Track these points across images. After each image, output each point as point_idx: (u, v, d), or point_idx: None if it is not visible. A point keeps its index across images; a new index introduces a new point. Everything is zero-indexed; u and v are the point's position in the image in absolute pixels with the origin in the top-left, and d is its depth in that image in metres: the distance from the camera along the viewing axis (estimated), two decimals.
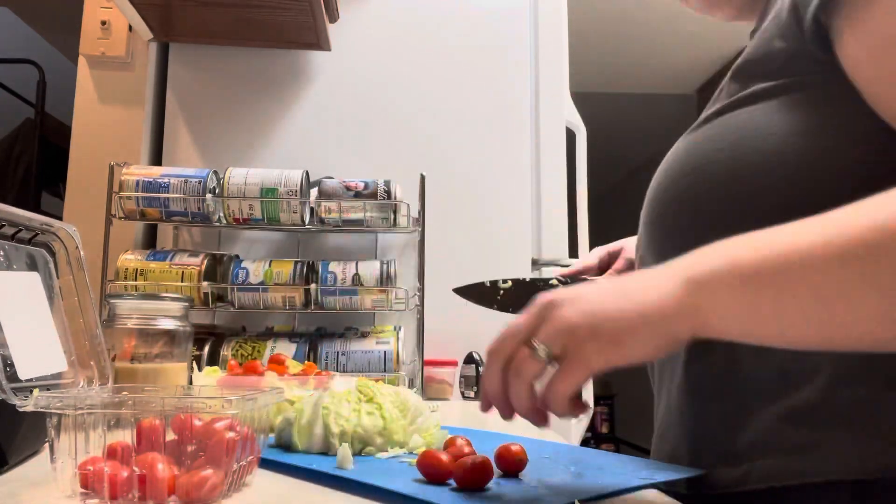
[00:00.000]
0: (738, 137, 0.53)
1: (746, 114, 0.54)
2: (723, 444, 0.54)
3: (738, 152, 0.53)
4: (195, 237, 1.49)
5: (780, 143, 0.51)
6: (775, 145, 0.51)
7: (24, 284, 0.61)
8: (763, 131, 0.52)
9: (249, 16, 1.39)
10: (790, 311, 0.40)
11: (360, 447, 0.63)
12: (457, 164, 1.54)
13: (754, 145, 0.52)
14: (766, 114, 0.53)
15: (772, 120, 0.52)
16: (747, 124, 0.53)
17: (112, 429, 0.45)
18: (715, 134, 0.56)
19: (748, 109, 0.54)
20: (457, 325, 1.49)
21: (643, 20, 3.37)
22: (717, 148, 0.54)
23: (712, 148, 0.55)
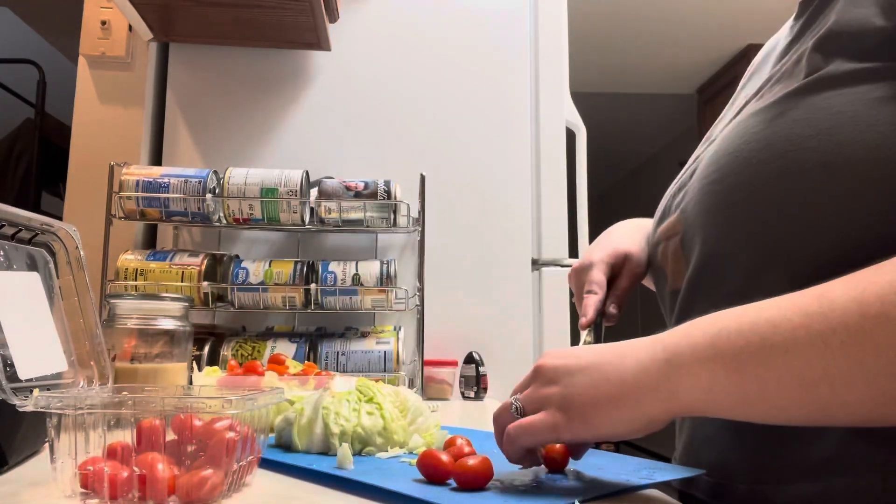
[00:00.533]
0: (831, 125, 0.47)
1: (841, 97, 0.48)
2: (787, 458, 0.49)
3: (833, 142, 0.47)
4: (195, 237, 1.49)
5: (881, 137, 0.46)
6: (876, 138, 0.46)
7: (24, 284, 0.61)
8: (862, 121, 0.46)
9: (249, 16, 1.39)
10: (773, 394, 0.40)
11: (360, 447, 0.63)
12: (457, 165, 1.54)
13: (852, 136, 0.46)
14: (864, 101, 0.47)
15: (872, 109, 0.46)
16: (840, 110, 0.47)
17: (112, 429, 0.45)
18: (800, 117, 0.49)
19: (842, 92, 0.48)
20: (457, 325, 1.49)
21: (643, 20, 3.37)
22: (807, 134, 0.48)
23: (799, 133, 0.49)
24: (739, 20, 3.27)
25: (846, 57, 0.49)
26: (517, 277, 1.52)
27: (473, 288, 1.50)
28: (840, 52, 0.49)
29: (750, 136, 0.52)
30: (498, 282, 1.51)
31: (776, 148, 0.50)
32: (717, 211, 0.54)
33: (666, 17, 3.32)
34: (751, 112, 0.54)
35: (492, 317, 1.50)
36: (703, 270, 0.56)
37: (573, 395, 0.46)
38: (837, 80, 0.49)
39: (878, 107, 0.46)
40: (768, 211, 0.50)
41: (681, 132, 4.82)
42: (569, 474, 0.53)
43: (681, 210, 0.61)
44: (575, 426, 0.45)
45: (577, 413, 0.45)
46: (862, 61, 0.48)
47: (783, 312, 0.40)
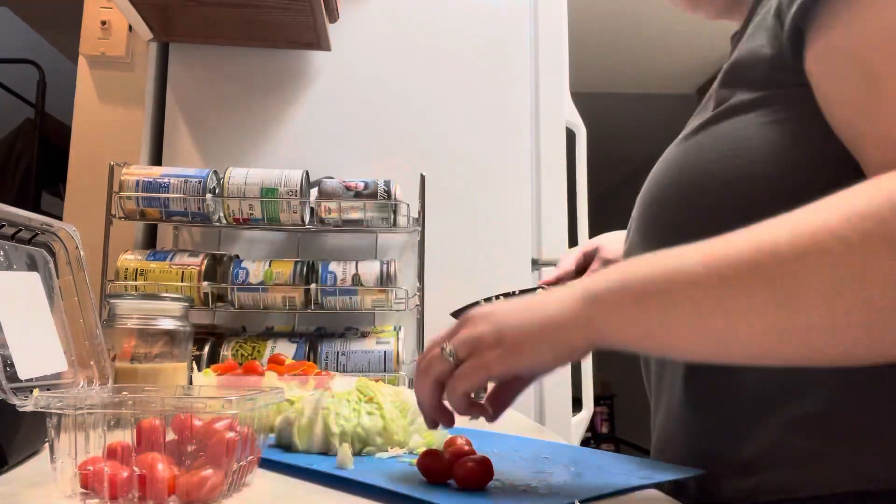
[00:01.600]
0: (728, 149, 0.53)
1: (735, 124, 0.54)
2: (729, 455, 0.53)
3: (730, 164, 0.53)
4: (195, 237, 1.49)
5: (771, 156, 0.51)
6: (764, 158, 0.51)
7: (24, 284, 0.61)
8: (752, 144, 0.52)
9: (249, 16, 1.39)
10: (675, 324, 0.43)
11: (360, 447, 0.63)
12: (457, 164, 1.54)
13: (745, 157, 0.52)
14: (754, 126, 0.53)
15: (760, 133, 0.52)
16: (737, 135, 0.53)
17: (112, 429, 0.45)
18: (706, 144, 0.56)
19: (738, 120, 0.54)
20: None
21: (643, 20, 3.37)
22: (709, 159, 0.54)
23: (704, 158, 0.55)
24: None
25: (744, 87, 0.54)
26: (517, 277, 1.51)
27: (473, 288, 1.50)
28: (739, 83, 0.55)
29: (669, 164, 0.59)
30: (498, 282, 1.51)
31: (687, 173, 0.56)
32: (647, 234, 0.60)
33: (666, 17, 3.32)
34: (676, 142, 0.61)
35: None
36: None
37: (504, 330, 0.49)
38: (737, 109, 0.54)
39: (768, 129, 0.52)
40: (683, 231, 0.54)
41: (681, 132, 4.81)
42: (569, 474, 0.53)
43: (630, 233, 0.66)
44: (507, 357, 0.48)
45: (509, 345, 0.48)
46: (756, 90, 0.53)
47: (690, 251, 0.43)
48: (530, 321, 0.48)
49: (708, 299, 0.41)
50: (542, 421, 1.51)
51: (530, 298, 0.51)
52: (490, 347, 0.49)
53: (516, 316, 0.49)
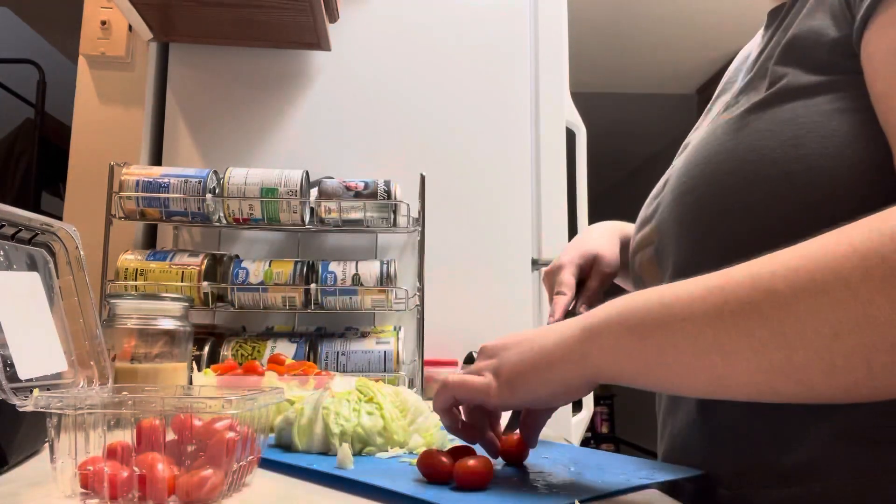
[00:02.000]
0: (794, 135, 0.50)
1: (798, 109, 0.50)
2: (768, 464, 0.50)
3: (792, 153, 0.49)
4: (195, 237, 1.49)
5: (841, 147, 0.48)
6: (836, 149, 0.48)
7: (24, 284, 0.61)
8: (821, 132, 0.49)
9: (249, 16, 1.39)
10: (672, 361, 0.42)
11: (360, 447, 0.63)
12: (457, 164, 1.54)
13: (813, 146, 0.49)
14: (819, 113, 0.49)
15: (826, 121, 0.49)
16: (803, 122, 0.49)
17: (112, 429, 0.45)
18: (765, 128, 0.51)
19: (800, 104, 0.50)
20: (457, 325, 1.49)
21: (643, 20, 3.37)
22: (768, 146, 0.51)
23: (764, 144, 0.51)
24: (739, 20, 3.27)
25: (805, 68, 0.51)
26: (517, 277, 1.52)
27: (473, 288, 1.50)
28: (799, 63, 0.52)
29: (717, 147, 0.55)
30: (498, 282, 1.51)
31: (741, 159, 0.52)
32: (687, 222, 0.57)
33: (666, 17, 3.32)
34: (719, 123, 0.57)
35: (492, 317, 1.50)
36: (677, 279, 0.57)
37: (503, 365, 0.51)
38: (798, 91, 0.51)
39: (835, 117, 0.49)
40: (735, 221, 0.52)
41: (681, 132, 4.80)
42: (569, 474, 0.53)
43: (656, 220, 0.63)
44: (503, 391, 0.50)
45: (504, 379, 0.50)
46: (819, 73, 0.50)
47: (689, 287, 0.42)
48: (526, 357, 0.49)
49: (704, 336, 0.40)
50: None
51: (535, 332, 0.51)
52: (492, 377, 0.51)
53: (516, 351, 0.50)
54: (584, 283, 0.80)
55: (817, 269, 0.37)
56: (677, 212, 0.58)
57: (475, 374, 0.53)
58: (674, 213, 0.58)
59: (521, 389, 0.49)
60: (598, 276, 0.79)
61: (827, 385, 0.37)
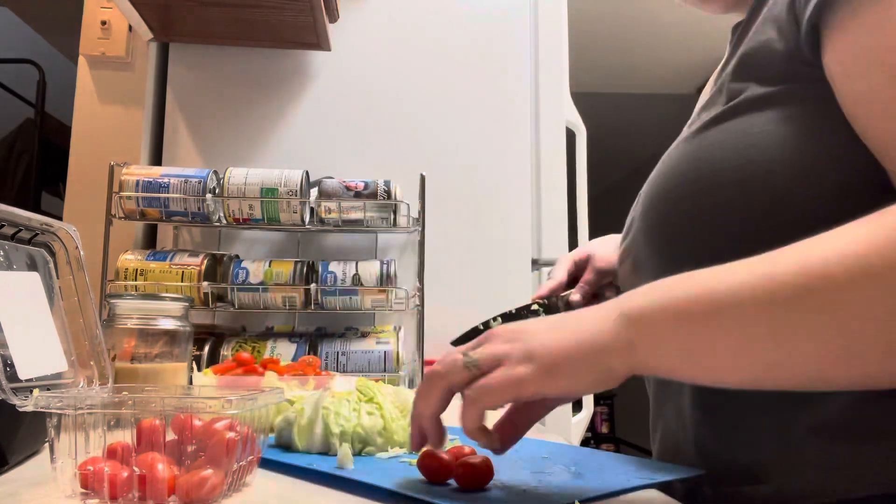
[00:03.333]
0: (743, 146, 0.51)
1: (749, 120, 0.52)
2: (746, 460, 0.52)
3: (745, 162, 0.51)
4: (195, 237, 1.49)
5: (787, 155, 0.49)
6: (782, 156, 0.50)
7: (24, 284, 0.61)
8: (769, 142, 0.50)
9: (249, 16, 1.39)
10: (722, 349, 0.41)
11: (361, 447, 0.63)
12: (457, 165, 1.54)
13: (761, 156, 0.50)
14: (770, 122, 0.51)
15: (775, 130, 0.50)
16: (752, 132, 0.51)
17: (112, 429, 0.45)
18: (719, 141, 0.54)
19: (752, 116, 0.52)
20: (457, 325, 1.48)
21: (643, 20, 3.37)
22: (723, 157, 0.52)
23: (718, 157, 0.53)
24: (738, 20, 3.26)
25: (758, 82, 0.53)
26: (517, 277, 1.52)
27: (473, 288, 1.50)
28: (752, 77, 0.53)
29: (678, 161, 0.57)
30: (498, 282, 1.51)
31: (699, 171, 0.54)
32: (654, 237, 0.58)
33: (666, 17, 3.32)
34: (682, 139, 0.59)
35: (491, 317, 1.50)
36: None
37: (536, 347, 0.45)
38: (750, 104, 0.52)
39: (784, 125, 0.50)
40: (697, 232, 0.53)
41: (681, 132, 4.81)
42: (569, 474, 0.53)
43: (631, 233, 0.64)
44: (541, 378, 0.44)
45: (542, 363, 0.44)
46: (769, 85, 0.52)
47: (733, 272, 0.42)
48: (567, 341, 0.44)
49: (757, 323, 0.39)
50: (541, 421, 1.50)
51: (560, 318, 0.47)
52: (521, 363, 0.44)
53: (549, 335, 0.45)
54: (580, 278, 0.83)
55: (868, 255, 0.37)
56: (644, 227, 0.59)
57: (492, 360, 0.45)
58: (642, 229, 0.60)
59: (564, 375, 0.44)
60: (591, 271, 0.82)
61: (882, 370, 0.37)
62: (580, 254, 0.85)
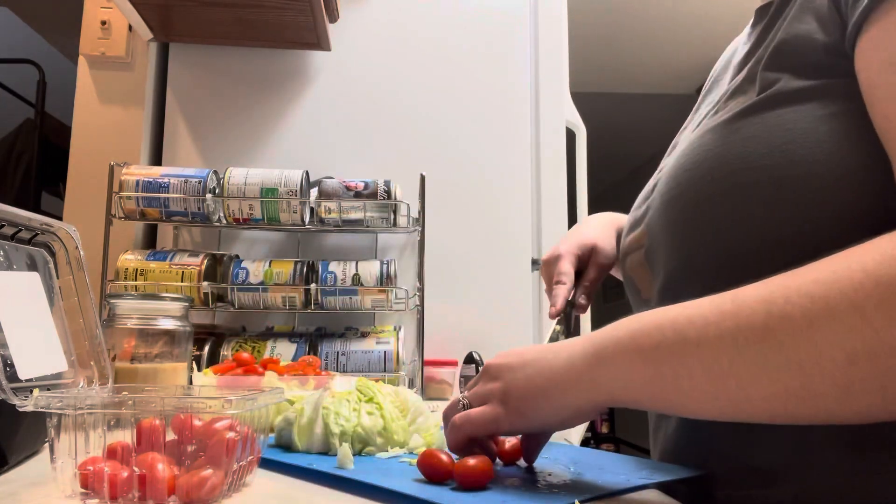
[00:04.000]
0: (781, 142, 0.49)
1: (788, 114, 0.49)
2: (761, 463, 0.50)
3: (782, 160, 0.48)
4: (195, 237, 1.49)
5: (828, 154, 0.47)
6: (826, 154, 0.47)
7: (24, 284, 0.61)
8: (812, 137, 0.48)
9: (249, 16, 1.39)
10: (686, 386, 0.41)
11: (361, 447, 0.63)
12: (457, 164, 1.54)
13: (802, 152, 0.48)
14: (810, 118, 0.48)
15: (817, 126, 0.48)
16: (791, 127, 0.49)
17: (112, 429, 0.45)
18: (755, 134, 0.51)
19: (790, 110, 0.49)
20: (457, 325, 1.49)
21: (643, 20, 3.37)
22: (760, 152, 0.50)
23: (753, 150, 0.50)
24: (739, 20, 3.26)
25: (795, 73, 0.50)
26: (517, 277, 1.52)
27: (473, 288, 1.50)
28: (789, 68, 0.51)
29: (705, 152, 0.54)
30: (498, 282, 1.51)
31: (730, 165, 0.51)
32: (676, 228, 0.56)
33: (666, 16, 3.32)
34: (708, 128, 0.56)
35: (492, 317, 1.50)
36: (669, 283, 0.58)
37: (511, 389, 0.49)
38: (788, 96, 0.50)
39: (826, 122, 0.48)
40: (725, 227, 0.52)
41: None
42: (569, 474, 0.53)
43: (645, 224, 0.62)
44: (512, 417, 0.49)
45: (514, 406, 0.49)
46: (809, 78, 0.50)
47: (700, 310, 0.42)
48: (534, 381, 0.48)
49: (720, 363, 0.40)
50: None
51: (542, 351, 0.50)
52: (498, 403, 0.50)
53: (522, 374, 0.49)
54: (582, 274, 0.80)
55: (831, 296, 0.37)
56: (666, 217, 0.58)
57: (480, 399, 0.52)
58: (662, 219, 0.58)
59: (532, 415, 0.48)
60: (595, 266, 0.80)
61: (842, 409, 0.37)
62: (583, 244, 0.80)
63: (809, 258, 0.41)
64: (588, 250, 0.80)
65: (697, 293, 0.44)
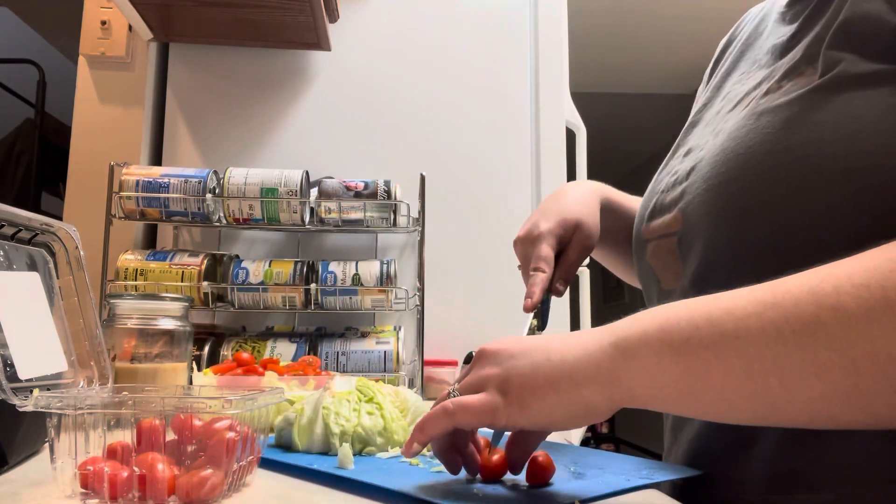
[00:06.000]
0: (852, 129, 0.45)
1: (860, 100, 0.45)
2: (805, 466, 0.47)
3: (856, 147, 0.44)
4: (195, 237, 1.49)
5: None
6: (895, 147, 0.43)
7: (24, 284, 0.61)
8: (883, 127, 0.44)
9: (249, 16, 1.39)
10: (720, 385, 0.38)
11: (361, 447, 0.63)
12: (457, 164, 1.54)
13: (875, 142, 0.44)
14: (882, 105, 0.45)
15: (892, 114, 0.44)
16: (863, 115, 0.45)
17: (112, 429, 0.45)
18: (823, 120, 0.46)
19: (860, 95, 0.45)
20: (457, 325, 1.49)
21: (643, 20, 3.37)
22: (828, 139, 0.46)
23: (821, 138, 0.46)
24: None
25: (863, 55, 0.46)
26: (517, 277, 1.51)
27: (473, 288, 1.50)
28: (855, 49, 0.47)
29: (764, 136, 0.49)
30: (498, 282, 1.51)
31: (795, 152, 0.47)
32: (723, 215, 0.51)
33: (666, 16, 3.32)
34: (762, 109, 0.51)
35: (492, 317, 1.50)
36: (705, 274, 0.54)
37: (512, 376, 0.43)
38: (857, 80, 0.46)
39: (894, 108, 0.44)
40: (781, 217, 0.47)
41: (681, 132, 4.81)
42: (569, 474, 0.53)
43: (680, 209, 0.57)
44: (512, 410, 0.43)
45: (515, 396, 0.43)
46: (879, 61, 0.46)
47: (737, 301, 0.39)
48: (543, 370, 0.42)
49: (762, 358, 0.36)
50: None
51: (550, 339, 0.45)
52: (496, 391, 0.43)
53: (527, 361, 0.43)
54: (562, 255, 0.71)
55: (888, 286, 0.34)
56: (711, 203, 0.52)
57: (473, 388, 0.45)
58: (706, 204, 0.53)
59: (536, 409, 0.42)
60: (577, 247, 0.71)
61: (891, 411, 0.34)
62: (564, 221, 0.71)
63: None
64: (571, 228, 0.71)
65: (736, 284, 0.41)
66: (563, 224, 0.71)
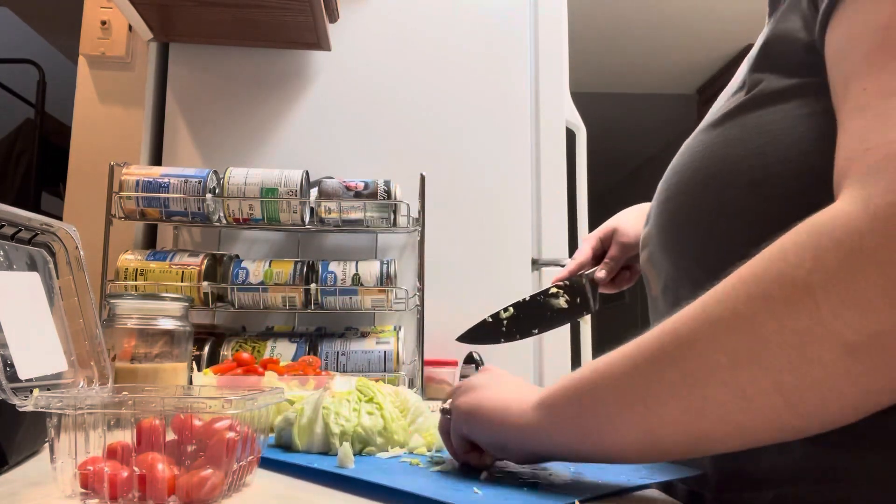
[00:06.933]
0: (760, 143, 0.48)
1: (767, 116, 0.48)
2: (749, 467, 0.49)
3: (758, 162, 0.48)
4: (195, 237, 1.49)
5: (806, 154, 0.46)
6: (801, 156, 0.46)
7: (24, 284, 0.61)
8: (788, 138, 0.47)
9: (249, 16, 1.39)
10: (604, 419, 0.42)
11: (361, 447, 0.63)
12: (457, 164, 1.54)
13: (778, 154, 0.47)
14: (788, 118, 0.47)
15: (795, 126, 0.47)
16: (769, 129, 0.48)
17: (112, 429, 0.45)
18: (735, 137, 0.50)
19: (770, 111, 0.48)
20: (457, 325, 1.48)
21: (643, 20, 3.37)
22: (737, 154, 0.49)
23: (733, 153, 0.50)
24: (739, 20, 3.27)
25: (778, 73, 0.49)
26: (517, 277, 1.52)
27: (473, 288, 1.50)
28: (772, 67, 0.50)
29: (693, 154, 0.54)
30: (498, 282, 1.51)
31: (712, 168, 0.51)
32: (667, 231, 0.56)
33: (666, 17, 3.32)
34: (700, 129, 0.55)
35: None
36: (669, 283, 0.58)
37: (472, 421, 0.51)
38: (771, 97, 0.49)
39: (804, 122, 0.46)
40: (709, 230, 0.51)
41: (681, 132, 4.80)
42: (569, 474, 0.53)
43: (647, 225, 0.63)
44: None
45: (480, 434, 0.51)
46: (791, 76, 0.48)
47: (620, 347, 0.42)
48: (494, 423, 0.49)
49: (626, 388, 0.40)
50: None
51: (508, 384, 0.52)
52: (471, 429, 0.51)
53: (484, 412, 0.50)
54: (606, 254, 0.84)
55: (709, 303, 0.38)
56: (659, 220, 0.58)
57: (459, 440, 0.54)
58: (656, 222, 0.59)
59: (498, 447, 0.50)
60: (616, 245, 0.83)
61: (751, 422, 0.36)
62: (605, 228, 0.86)
63: None
64: (609, 233, 0.84)
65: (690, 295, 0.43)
66: (602, 229, 0.86)
